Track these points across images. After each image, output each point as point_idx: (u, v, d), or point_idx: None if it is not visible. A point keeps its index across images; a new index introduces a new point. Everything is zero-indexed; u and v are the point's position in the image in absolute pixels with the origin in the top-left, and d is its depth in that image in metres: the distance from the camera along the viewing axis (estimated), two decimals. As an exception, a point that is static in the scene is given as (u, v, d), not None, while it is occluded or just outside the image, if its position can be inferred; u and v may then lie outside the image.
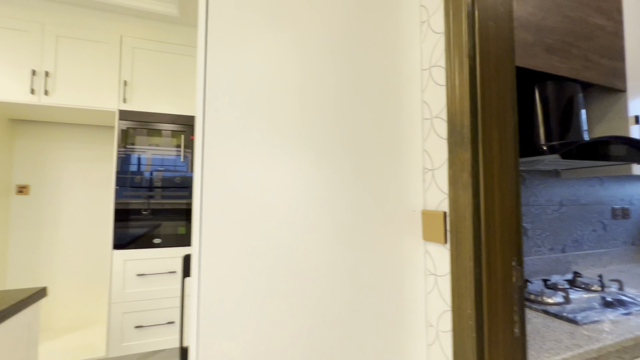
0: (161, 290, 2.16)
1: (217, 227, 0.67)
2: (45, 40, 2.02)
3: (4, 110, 2.14)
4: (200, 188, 0.66)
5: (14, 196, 2.40)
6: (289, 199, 0.73)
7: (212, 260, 0.66)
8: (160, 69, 2.26)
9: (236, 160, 0.69)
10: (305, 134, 0.75)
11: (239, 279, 0.67)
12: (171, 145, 2.26)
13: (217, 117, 0.68)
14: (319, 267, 0.74)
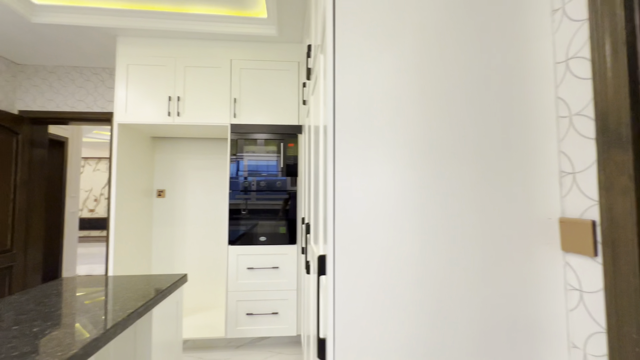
0: (266, 284, 2.40)
1: (347, 231, 0.73)
2: (177, 71, 2.47)
3: (148, 130, 2.68)
4: (333, 194, 0.73)
5: (155, 198, 2.99)
6: (410, 206, 0.74)
7: (345, 261, 0.72)
8: (262, 85, 2.52)
9: (362, 169, 0.74)
10: (428, 141, 0.76)
11: (367, 280, 0.72)
12: (272, 152, 2.50)
13: (344, 127, 0.74)
14: (436, 274, 0.73)
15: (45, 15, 2.26)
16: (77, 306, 1.27)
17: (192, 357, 2.31)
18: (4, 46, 2.62)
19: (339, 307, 0.70)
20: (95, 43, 2.57)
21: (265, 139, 2.51)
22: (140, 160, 2.77)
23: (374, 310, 0.71)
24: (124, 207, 2.49)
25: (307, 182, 2.03)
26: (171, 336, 1.65)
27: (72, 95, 3.00)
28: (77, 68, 3.02)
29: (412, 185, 0.75)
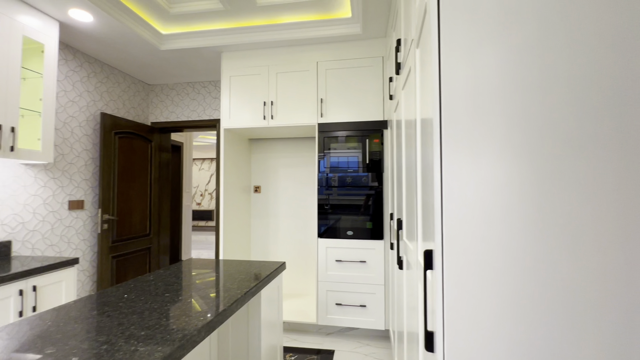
0: (354, 276, 2.48)
1: (454, 226, 0.72)
2: (269, 78, 2.71)
3: (246, 133, 3.02)
4: (440, 188, 0.73)
5: (252, 194, 3.35)
6: (526, 201, 0.69)
7: (453, 256, 0.71)
8: (346, 83, 2.59)
9: (471, 162, 0.72)
10: (549, 133, 0.69)
11: (478, 275, 0.70)
12: (357, 148, 2.55)
13: (450, 120, 0.73)
14: (557, 275, 0.67)
15: (169, 43, 2.74)
16: (205, 282, 1.53)
17: (288, 337, 2.55)
18: (140, 71, 3.27)
19: (447, 301, 0.70)
20: (205, 60, 3.00)
21: (350, 136, 2.57)
22: (240, 160, 3.14)
23: (484, 305, 0.69)
24: (229, 202, 2.86)
25: (394, 178, 2.02)
26: (274, 317, 1.85)
27: (187, 107, 3.56)
28: (190, 83, 3.58)
29: (529, 180, 0.70)
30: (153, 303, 1.24)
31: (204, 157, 10.04)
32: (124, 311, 1.16)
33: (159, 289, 1.43)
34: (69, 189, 2.64)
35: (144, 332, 0.99)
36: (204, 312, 1.15)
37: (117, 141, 3.04)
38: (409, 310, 1.35)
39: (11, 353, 0.86)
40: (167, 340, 0.93)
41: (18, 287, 1.73)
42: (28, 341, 0.93)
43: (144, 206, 3.37)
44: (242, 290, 1.40)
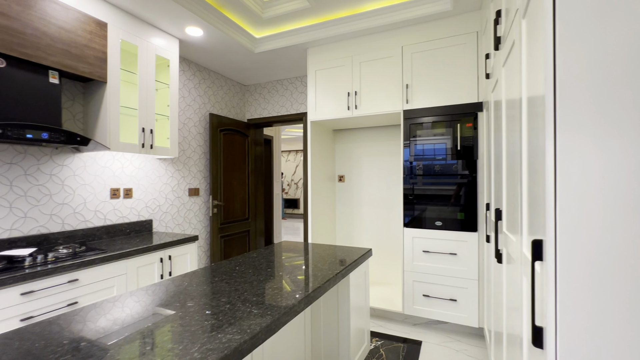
0: (443, 269, 2.37)
1: (571, 215, 0.65)
2: (353, 68, 2.74)
3: (330, 124, 3.13)
4: (554, 175, 0.66)
5: (337, 183, 3.48)
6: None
7: (567, 247, 0.65)
8: (434, 66, 2.44)
9: (594, 145, 0.63)
10: None
11: (597, 269, 0.62)
12: (446, 134, 2.40)
13: (568, 98, 0.65)
14: None
15: (262, 46, 3.00)
16: (300, 261, 1.69)
17: (374, 323, 2.61)
18: (237, 74, 3.67)
19: (561, 294, 0.64)
20: (292, 58, 3.20)
21: (438, 122, 2.43)
22: (325, 151, 3.28)
23: (604, 300, 0.61)
24: (315, 190, 3.03)
25: (490, 165, 1.84)
26: (361, 301, 1.93)
27: (277, 103, 3.87)
28: (279, 81, 3.86)
29: None
30: (259, 275, 1.44)
31: (290, 149, 10.72)
32: (237, 280, 1.37)
33: (262, 264, 1.64)
34: (188, 179, 3.18)
35: (255, 298, 1.16)
36: (302, 287, 1.28)
37: (221, 137, 3.51)
38: (509, 309, 1.25)
39: (163, 303, 1.13)
40: (274, 307, 1.08)
41: (159, 256, 2.19)
42: (174, 295, 1.19)
43: (243, 194, 3.83)
44: (332, 271, 1.50)
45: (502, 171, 1.41)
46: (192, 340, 0.85)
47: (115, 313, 1.04)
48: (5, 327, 1.45)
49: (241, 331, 0.90)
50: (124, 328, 0.93)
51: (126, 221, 2.54)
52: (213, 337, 0.86)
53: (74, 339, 0.86)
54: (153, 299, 1.15)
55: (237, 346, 0.82)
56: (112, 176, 2.44)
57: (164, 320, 0.97)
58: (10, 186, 1.88)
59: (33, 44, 1.75)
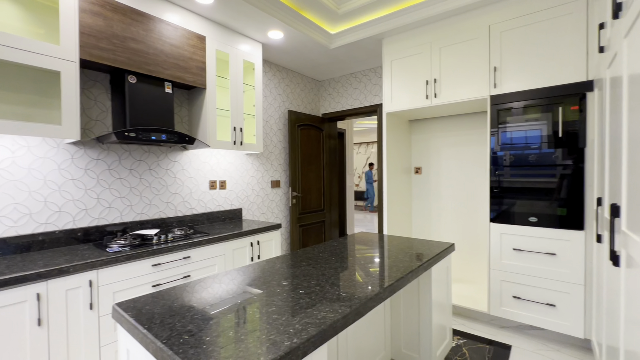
0: (538, 270, 2.14)
1: None
2: (432, 54, 2.61)
3: (406, 114, 3.04)
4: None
5: (413, 175, 3.38)
6: None
7: None
8: (528, 44, 2.18)
9: None
10: None
11: None
12: (543, 120, 2.13)
13: None
14: None
15: (337, 41, 3.07)
16: (379, 252, 1.73)
17: (456, 321, 2.50)
18: (312, 70, 3.81)
19: None
20: (366, 50, 3.19)
21: (533, 106, 2.17)
22: (401, 142, 3.21)
23: None
24: (390, 183, 3.00)
25: (604, 153, 1.59)
26: (443, 298, 1.87)
27: (350, 96, 3.91)
28: (353, 74, 3.89)
29: None
30: (342, 262, 1.52)
31: (361, 142, 10.70)
32: (322, 265, 1.48)
33: (343, 252, 1.72)
34: (270, 172, 3.46)
35: (342, 282, 1.24)
36: (385, 276, 1.32)
37: (299, 132, 3.71)
38: (629, 322, 1.08)
39: (262, 281, 1.28)
40: (360, 292, 1.14)
41: (250, 240, 2.46)
42: (270, 275, 1.35)
43: (318, 186, 4.00)
44: (414, 263, 1.50)
45: (622, 160, 1.21)
46: (292, 314, 0.96)
47: (226, 287, 1.23)
48: (143, 290, 1.82)
49: (333, 310, 0.98)
50: (235, 298, 1.10)
51: (221, 209, 2.90)
52: (309, 313, 0.97)
53: (200, 303, 1.06)
54: (253, 278, 1.33)
55: (332, 323, 0.90)
56: (210, 170, 2.81)
57: (266, 295, 1.12)
58: (140, 179, 2.32)
59: (154, 61, 2.11)
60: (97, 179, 2.10)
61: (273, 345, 0.78)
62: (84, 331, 1.59)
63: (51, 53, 1.65)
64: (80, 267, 1.56)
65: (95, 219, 2.08)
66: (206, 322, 0.91)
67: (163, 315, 0.96)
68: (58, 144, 1.93)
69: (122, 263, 1.73)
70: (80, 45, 1.77)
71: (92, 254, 1.72)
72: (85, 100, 2.05)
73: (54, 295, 1.49)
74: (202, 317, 0.95)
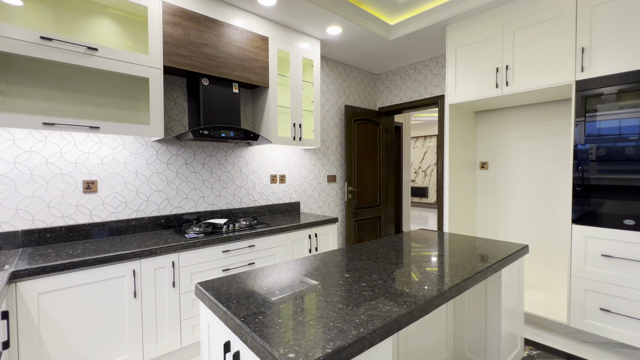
0: (635, 280, 1.85)
1: None
2: (504, 39, 2.39)
3: (472, 105, 2.84)
4: None
5: (478, 170, 3.15)
6: None
7: None
8: (629, 17, 1.86)
9: None
10: None
11: None
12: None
13: None
14: None
15: (396, 32, 2.97)
16: (442, 250, 1.66)
17: (528, 330, 2.29)
18: (369, 63, 3.75)
19: None
20: (427, 40, 3.04)
21: (632, 90, 1.86)
22: (465, 135, 3.01)
23: None
24: (453, 178, 2.84)
25: None
26: (514, 304, 1.73)
27: (409, 88, 3.77)
28: (412, 65, 3.74)
29: None
30: (402, 259, 1.50)
31: (417, 135, 10.26)
32: (383, 260, 1.47)
33: (403, 249, 1.69)
34: (327, 167, 3.52)
35: (404, 278, 1.23)
36: (450, 275, 1.26)
37: (355, 127, 3.70)
38: None
39: (324, 272, 1.32)
40: (424, 289, 1.12)
41: (308, 233, 2.55)
42: (333, 267, 1.39)
43: (374, 181, 3.95)
44: (482, 264, 1.41)
45: None
46: (356, 305, 0.98)
47: (290, 275, 1.29)
48: (215, 273, 2.01)
49: (398, 305, 0.98)
50: (301, 285, 1.15)
51: (281, 202, 3.04)
52: (373, 305, 0.98)
53: (270, 288, 1.13)
54: (315, 268, 1.38)
55: (397, 317, 0.90)
56: (271, 165, 2.96)
57: (328, 285, 1.15)
58: (211, 172, 2.55)
59: (223, 64, 2.28)
60: (176, 172, 2.35)
61: (341, 333, 0.81)
62: (168, 305, 1.81)
63: (142, 62, 1.89)
64: (165, 250, 1.78)
65: (175, 208, 2.35)
66: (275, 305, 0.98)
67: (239, 296, 1.06)
68: (146, 142, 2.21)
69: (198, 248, 1.92)
70: (163, 54, 2.00)
71: (173, 239, 1.94)
72: (167, 102, 2.31)
73: (146, 273, 1.72)
74: (271, 301, 1.02)
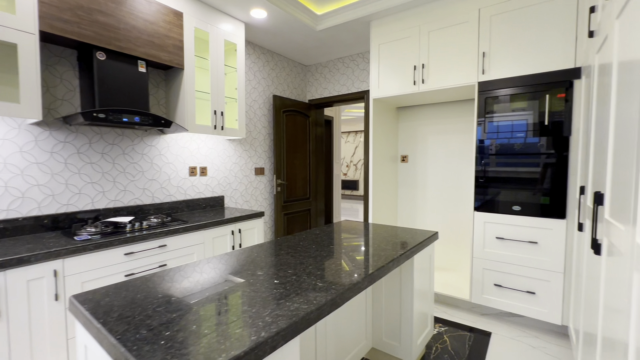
0: (520, 258, 2.15)
1: None
2: (421, 38, 2.54)
3: (394, 101, 2.98)
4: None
5: (399, 163, 3.34)
6: None
7: None
8: (518, 29, 2.12)
9: None
10: None
11: None
12: (529, 108, 2.10)
13: None
14: None
15: (323, 22, 2.94)
16: (362, 240, 1.68)
17: (438, 309, 2.51)
18: (299, 54, 3.68)
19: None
20: (354, 33, 3.08)
21: (521, 94, 2.13)
22: (388, 130, 3.15)
23: None
24: (376, 171, 2.96)
25: (589, 142, 1.57)
26: (425, 286, 1.86)
27: (338, 82, 3.81)
28: (340, 59, 3.78)
29: None
30: (322, 251, 1.47)
31: (349, 130, 10.61)
32: (302, 254, 1.42)
33: (324, 241, 1.67)
34: (254, 159, 3.36)
35: (319, 272, 1.19)
36: (365, 265, 1.27)
37: (284, 118, 3.60)
38: (608, 309, 1.07)
39: (235, 270, 1.22)
40: (338, 282, 1.09)
41: (231, 229, 2.39)
42: (245, 264, 1.29)
43: (304, 174, 3.92)
44: (396, 252, 1.46)
45: (608, 148, 1.19)
46: (263, 305, 0.90)
47: (196, 277, 1.16)
48: (114, 280, 1.73)
49: (307, 302, 0.93)
50: (204, 290, 1.03)
51: (202, 196, 2.81)
52: (282, 304, 0.91)
53: (166, 295, 0.99)
54: (226, 266, 1.26)
55: (305, 315, 0.85)
56: (190, 155, 2.70)
57: (237, 286, 1.05)
58: (113, 163, 2.20)
59: (125, 37, 1.96)
60: (64, 163, 1.97)
61: (238, 340, 0.72)
62: (49, 323, 1.50)
63: (7, 23, 1.50)
64: (42, 257, 1.46)
65: (63, 206, 1.96)
66: (169, 314, 0.85)
67: (123, 307, 0.89)
68: (19, 125, 1.79)
69: (91, 252, 1.63)
70: (40, 16, 1.62)
71: (57, 243, 1.61)
72: (50, 77, 1.90)
73: (14, 287, 1.39)
74: (166, 309, 0.88)
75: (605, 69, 1.29)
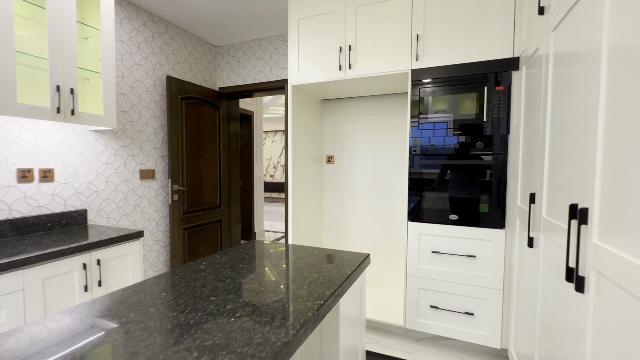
0: (458, 275, 1.87)
1: None
2: (347, 15, 2.12)
3: (318, 91, 2.52)
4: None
5: (325, 165, 2.90)
6: None
7: None
8: (456, 9, 1.84)
9: None
10: None
11: None
12: (468, 102, 1.84)
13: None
14: None
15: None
16: (277, 278, 1.14)
17: (369, 338, 2.11)
18: (205, 30, 2.98)
19: None
20: (270, 5, 2.53)
21: (458, 84, 1.86)
22: (311, 126, 2.68)
23: None
24: (298, 173, 2.46)
25: (532, 141, 1.31)
26: (355, 314, 1.40)
27: (254, 68, 3.21)
28: (256, 40, 3.19)
29: None
30: (202, 306, 0.87)
31: (276, 130, 10.03)
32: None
33: (209, 284, 1.07)
34: (139, 158, 2.55)
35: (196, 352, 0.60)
36: (276, 331, 0.72)
37: (184, 107, 2.85)
38: (545, 329, 0.74)
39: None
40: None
41: (80, 261, 1.60)
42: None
43: (213, 177, 3.22)
44: (322, 297, 0.95)
45: (545, 148, 0.87)
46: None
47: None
48: None
49: None
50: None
51: (45, 212, 1.92)
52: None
53: None
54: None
55: None
56: (19, 152, 1.80)
57: None
58: None
59: None
60: None
61: None
62: None
63: None
64: None
65: None
66: None
67: None
68: None
69: None
70: None
71: None
72: None
73: None
74: None
75: (570, 52, 0.99)
